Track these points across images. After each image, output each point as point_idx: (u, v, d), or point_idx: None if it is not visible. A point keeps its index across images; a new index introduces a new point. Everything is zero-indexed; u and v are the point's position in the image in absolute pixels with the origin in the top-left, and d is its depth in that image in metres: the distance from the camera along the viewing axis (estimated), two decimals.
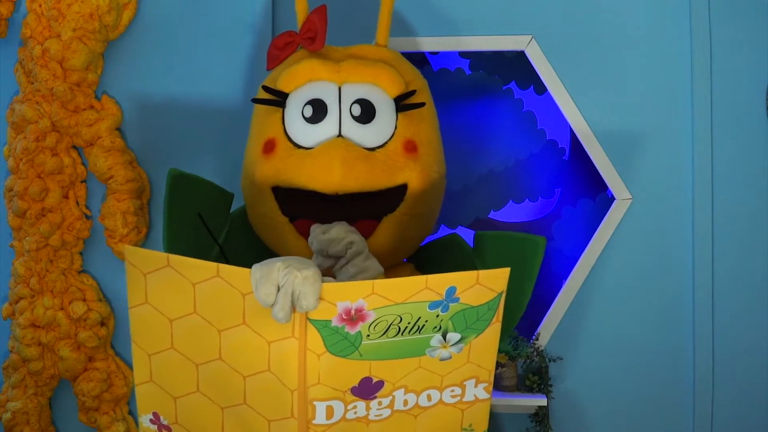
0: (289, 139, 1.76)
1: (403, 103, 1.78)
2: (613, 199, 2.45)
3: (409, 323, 1.40)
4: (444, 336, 1.43)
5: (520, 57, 2.51)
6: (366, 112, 1.74)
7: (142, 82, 2.51)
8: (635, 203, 2.43)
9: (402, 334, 1.41)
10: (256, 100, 1.84)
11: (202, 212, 1.80)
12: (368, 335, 1.40)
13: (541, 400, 2.35)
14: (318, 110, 1.75)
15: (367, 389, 1.46)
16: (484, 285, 1.40)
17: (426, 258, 1.94)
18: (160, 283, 1.43)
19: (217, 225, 1.84)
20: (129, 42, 2.51)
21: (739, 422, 2.40)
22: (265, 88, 1.81)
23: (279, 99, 1.79)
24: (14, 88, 2.54)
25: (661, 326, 2.42)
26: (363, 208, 1.72)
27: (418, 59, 2.55)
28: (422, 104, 1.80)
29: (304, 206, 1.72)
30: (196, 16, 2.51)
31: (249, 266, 1.40)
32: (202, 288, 1.41)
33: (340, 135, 1.73)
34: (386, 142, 1.75)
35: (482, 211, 2.56)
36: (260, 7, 2.48)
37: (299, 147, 1.74)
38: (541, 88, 2.52)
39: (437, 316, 1.40)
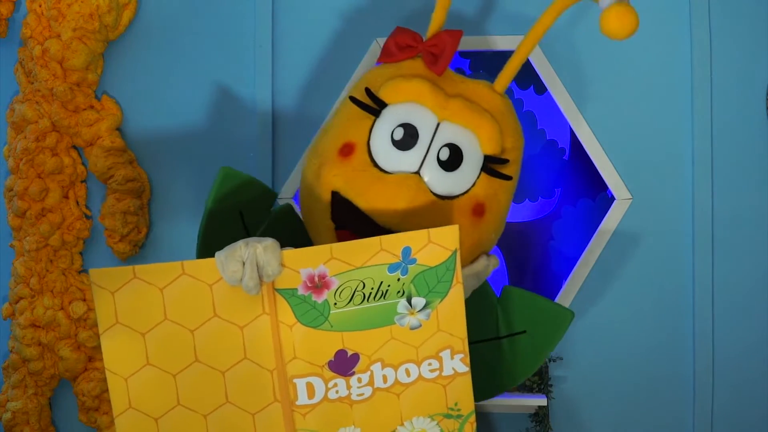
0: (369, 152, 1.71)
1: (491, 167, 1.73)
2: (613, 199, 2.45)
3: (372, 288, 1.48)
4: (409, 301, 1.50)
5: None
6: (453, 160, 1.69)
7: (142, 82, 2.51)
8: (635, 203, 2.43)
9: (368, 300, 1.48)
10: (354, 100, 1.77)
11: (243, 210, 1.79)
12: (335, 303, 1.48)
13: (541, 400, 2.35)
14: (408, 138, 1.70)
15: (343, 363, 1.51)
16: (437, 243, 1.47)
17: None
18: (129, 297, 1.45)
19: (255, 222, 1.82)
20: (129, 42, 2.51)
21: (739, 422, 2.40)
22: (368, 91, 1.75)
23: (376, 107, 1.73)
24: (14, 88, 2.55)
25: (661, 326, 2.42)
26: None
27: None
28: (509, 178, 1.76)
29: (354, 223, 1.69)
30: (196, 16, 2.51)
31: None
32: (170, 291, 1.45)
33: (418, 172, 1.69)
34: (458, 196, 1.70)
35: None
36: (260, 7, 2.48)
37: (375, 165, 1.70)
38: (541, 88, 2.52)
39: (398, 279, 1.48)
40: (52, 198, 2.43)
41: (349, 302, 1.48)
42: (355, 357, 1.51)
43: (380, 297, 1.49)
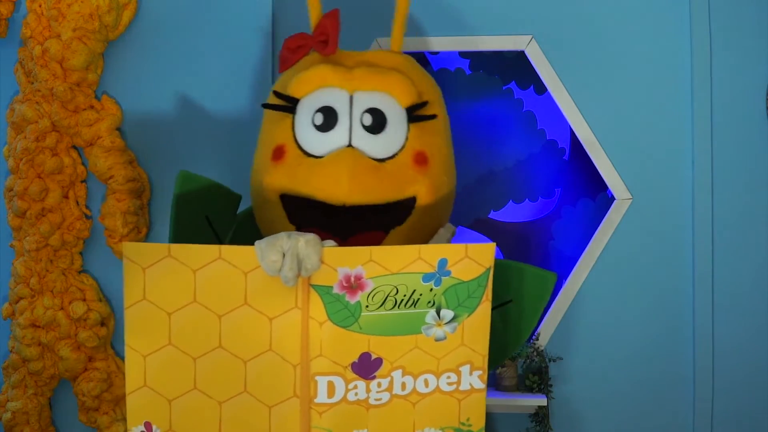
0: (299, 147, 1.73)
1: (414, 114, 1.75)
2: (613, 199, 2.45)
3: (404, 296, 1.48)
4: (438, 312, 1.50)
5: (520, 57, 2.51)
6: (377, 122, 1.71)
7: (142, 82, 2.51)
8: (635, 203, 2.43)
9: (398, 307, 1.49)
10: (266, 105, 1.81)
11: (209, 214, 1.80)
12: (367, 306, 1.48)
13: (541, 400, 2.35)
14: (328, 118, 1.72)
15: (366, 366, 1.51)
16: (473, 259, 1.49)
17: None
18: (159, 275, 1.46)
19: (223, 227, 1.84)
20: (129, 42, 2.51)
21: (739, 422, 2.40)
22: (276, 93, 1.79)
23: (289, 105, 1.76)
24: (14, 88, 2.54)
25: (660, 326, 2.43)
26: (370, 220, 1.70)
27: (418, 59, 2.55)
28: (433, 116, 1.78)
29: (312, 216, 1.70)
30: (197, 16, 2.51)
31: None
32: (203, 273, 1.46)
33: (350, 145, 1.71)
34: (396, 154, 1.72)
35: (482, 211, 2.56)
36: (261, 8, 2.48)
37: (309, 155, 1.72)
38: (541, 88, 2.52)
39: (431, 290, 1.49)
40: (52, 198, 2.43)
41: (380, 306, 1.48)
42: (378, 361, 1.51)
43: (411, 305, 1.49)
